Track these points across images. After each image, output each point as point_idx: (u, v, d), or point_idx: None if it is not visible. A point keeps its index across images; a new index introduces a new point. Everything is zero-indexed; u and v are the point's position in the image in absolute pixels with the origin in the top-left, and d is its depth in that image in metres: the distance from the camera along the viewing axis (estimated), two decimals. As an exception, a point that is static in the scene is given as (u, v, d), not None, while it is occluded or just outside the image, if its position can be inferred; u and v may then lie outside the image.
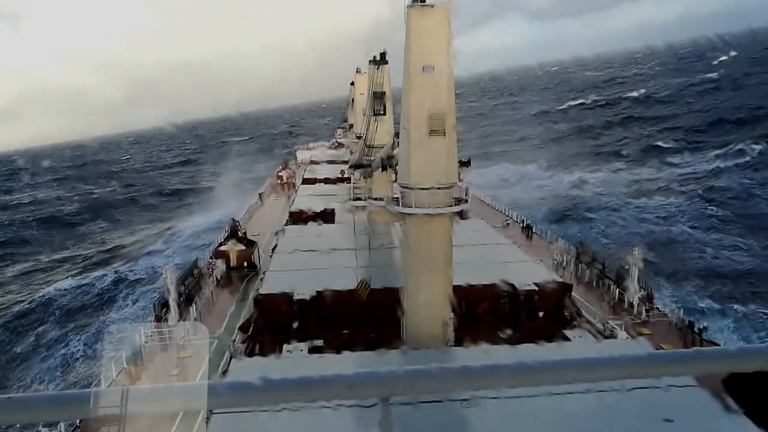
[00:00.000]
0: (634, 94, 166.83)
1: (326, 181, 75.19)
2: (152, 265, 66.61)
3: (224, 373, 24.72)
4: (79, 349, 47.81)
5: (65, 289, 64.43)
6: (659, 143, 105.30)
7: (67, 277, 69.84)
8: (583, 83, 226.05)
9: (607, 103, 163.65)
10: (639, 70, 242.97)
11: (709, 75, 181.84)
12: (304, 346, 26.39)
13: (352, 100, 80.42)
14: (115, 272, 67.82)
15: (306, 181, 76.04)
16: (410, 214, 24.34)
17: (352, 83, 78.77)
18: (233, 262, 41.55)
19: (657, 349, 21.82)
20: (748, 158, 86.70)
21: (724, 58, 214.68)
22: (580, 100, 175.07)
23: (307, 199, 59.46)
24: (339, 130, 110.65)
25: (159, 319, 31.30)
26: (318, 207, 54.09)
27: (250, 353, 26.99)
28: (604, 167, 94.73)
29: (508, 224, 52.65)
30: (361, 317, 28.78)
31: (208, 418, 18.24)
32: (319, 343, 27.05)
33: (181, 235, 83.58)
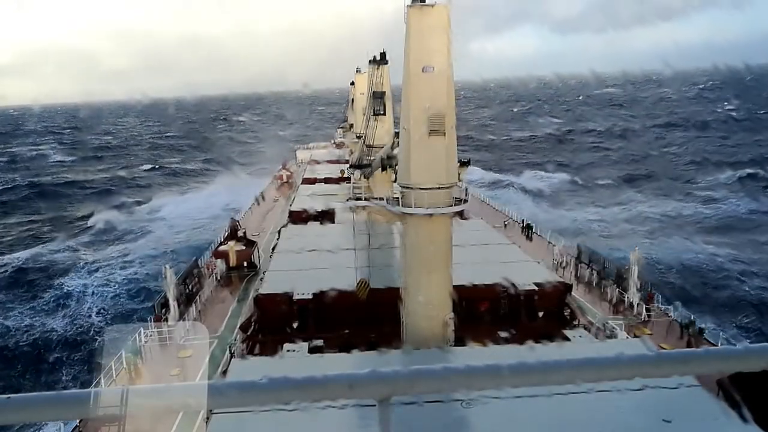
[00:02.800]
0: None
1: (326, 180, 75.17)
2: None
3: (224, 372, 24.73)
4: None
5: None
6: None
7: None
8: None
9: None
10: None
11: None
12: (304, 345, 26.38)
13: (352, 99, 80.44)
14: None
15: (306, 181, 76.06)
16: (410, 214, 24.34)
17: (352, 83, 78.76)
18: (233, 261, 41.54)
19: (657, 348, 21.80)
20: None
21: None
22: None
23: (307, 199, 59.42)
24: (339, 130, 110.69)
25: (159, 318, 31.32)
26: (318, 207, 54.06)
27: (251, 353, 27.00)
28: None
29: (507, 224, 52.71)
30: (361, 317, 28.78)
31: (208, 418, 18.24)
32: (320, 342, 27.04)
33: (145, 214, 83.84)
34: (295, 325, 29.07)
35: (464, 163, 25.80)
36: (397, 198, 24.96)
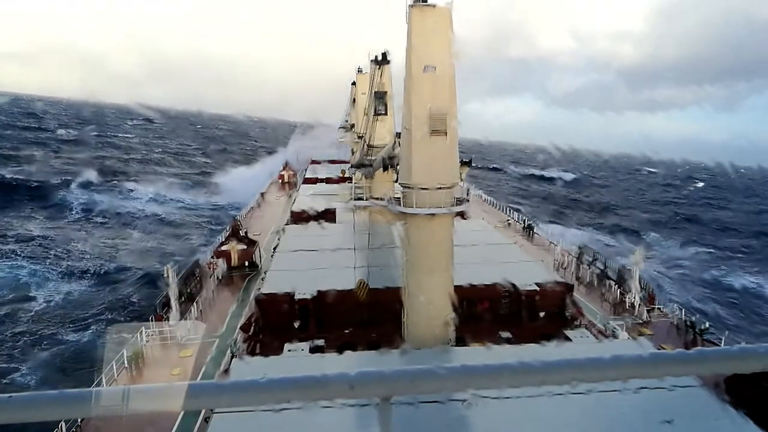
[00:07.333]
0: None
1: (327, 180, 75.32)
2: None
3: (225, 372, 24.74)
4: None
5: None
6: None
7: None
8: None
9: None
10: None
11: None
12: (305, 345, 26.39)
13: (353, 99, 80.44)
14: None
15: (307, 181, 76.23)
16: (411, 214, 24.33)
17: (354, 83, 78.79)
18: (234, 261, 41.56)
19: (658, 349, 21.76)
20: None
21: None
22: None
23: (309, 199, 59.51)
24: (340, 130, 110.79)
25: (160, 318, 31.31)
26: (319, 207, 54.12)
27: (251, 353, 27.00)
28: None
29: (509, 224, 52.69)
30: (362, 317, 28.81)
31: (208, 418, 18.26)
32: (321, 342, 27.06)
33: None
34: (296, 324, 29.08)
35: (465, 163, 25.79)
36: (398, 198, 24.95)
